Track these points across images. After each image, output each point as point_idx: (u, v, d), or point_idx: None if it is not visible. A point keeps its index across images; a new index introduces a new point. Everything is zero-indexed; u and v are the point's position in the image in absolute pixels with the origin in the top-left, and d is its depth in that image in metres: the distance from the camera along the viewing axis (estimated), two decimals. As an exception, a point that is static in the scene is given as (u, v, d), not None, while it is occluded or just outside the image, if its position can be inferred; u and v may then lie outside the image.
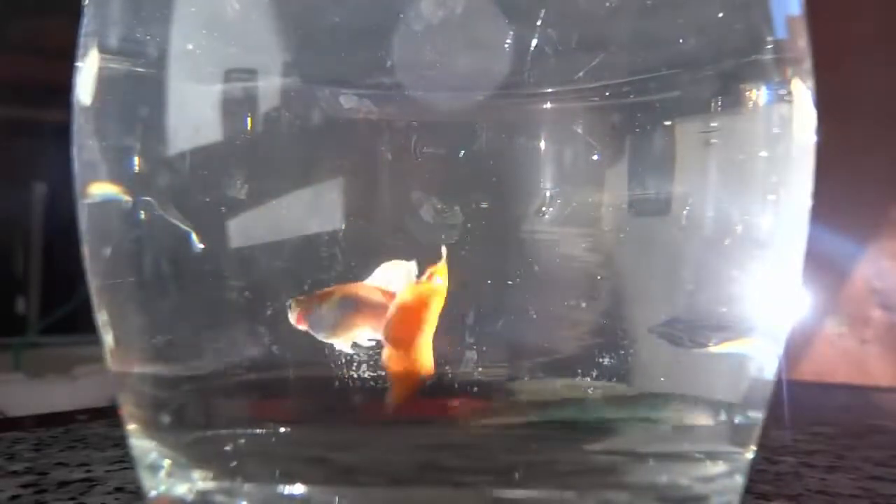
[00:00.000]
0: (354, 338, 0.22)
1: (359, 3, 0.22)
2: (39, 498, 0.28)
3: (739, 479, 0.24)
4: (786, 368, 0.25)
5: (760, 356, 0.24)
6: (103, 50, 0.24)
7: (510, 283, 0.22)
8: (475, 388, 0.21)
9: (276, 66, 0.22)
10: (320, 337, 0.21)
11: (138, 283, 0.24)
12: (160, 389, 0.24)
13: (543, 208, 0.21)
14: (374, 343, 0.22)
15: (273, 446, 0.23)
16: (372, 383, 0.21)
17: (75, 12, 0.25)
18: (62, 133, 0.25)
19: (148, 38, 0.23)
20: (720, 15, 0.23)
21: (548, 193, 0.22)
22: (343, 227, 0.21)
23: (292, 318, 0.21)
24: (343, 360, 0.21)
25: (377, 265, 0.21)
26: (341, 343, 0.22)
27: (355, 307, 0.21)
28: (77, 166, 0.25)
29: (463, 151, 0.21)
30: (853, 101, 0.82)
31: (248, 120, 0.22)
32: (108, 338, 0.24)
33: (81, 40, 0.25)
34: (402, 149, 0.21)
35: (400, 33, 0.21)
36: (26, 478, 0.31)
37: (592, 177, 0.22)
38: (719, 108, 0.22)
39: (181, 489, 0.23)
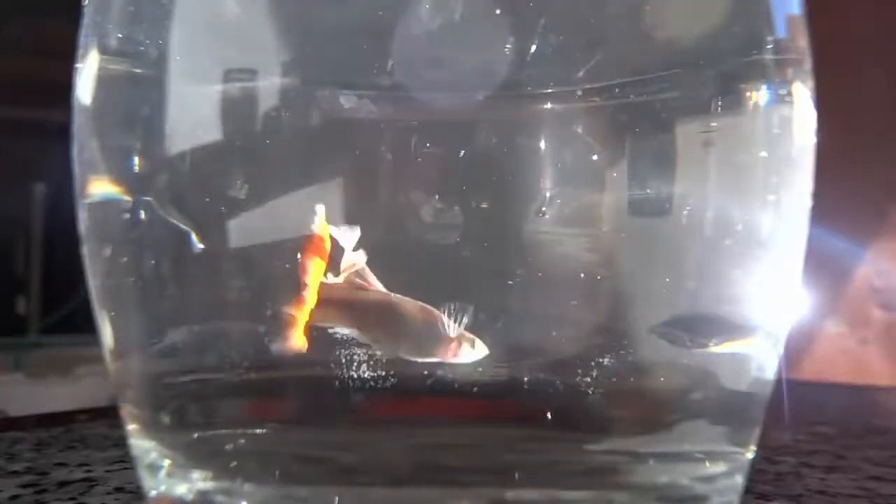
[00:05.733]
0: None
1: (359, 4, 0.22)
2: (39, 498, 0.28)
3: (739, 479, 0.24)
4: (786, 368, 0.25)
5: (760, 356, 0.24)
6: (103, 50, 0.24)
7: (510, 283, 0.22)
8: (475, 388, 0.21)
9: (276, 66, 0.22)
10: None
11: (138, 283, 0.24)
12: (160, 389, 0.24)
13: (543, 208, 0.21)
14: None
15: (273, 446, 0.23)
16: (372, 383, 0.21)
17: (75, 12, 0.25)
18: (62, 133, 0.25)
19: (148, 38, 0.23)
20: (720, 15, 0.23)
21: (548, 193, 0.22)
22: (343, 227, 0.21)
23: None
24: (343, 360, 0.21)
25: (375, 259, 0.21)
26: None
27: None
28: (77, 166, 0.25)
29: (463, 151, 0.21)
30: (853, 101, 0.82)
31: (248, 120, 0.22)
32: (108, 338, 0.24)
33: (81, 40, 0.25)
34: (402, 149, 0.21)
35: (400, 34, 0.21)
36: (26, 478, 0.31)
37: (592, 177, 0.22)
38: (719, 108, 0.22)
39: (181, 489, 0.23)
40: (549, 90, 0.22)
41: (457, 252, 0.21)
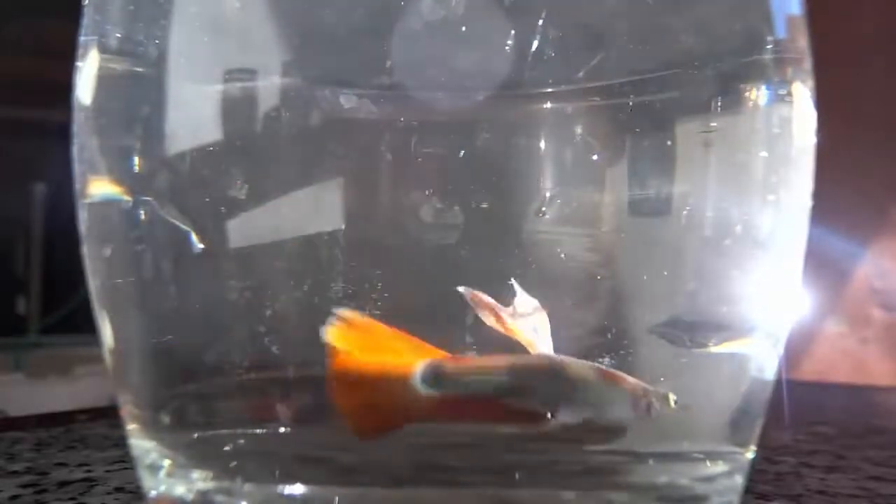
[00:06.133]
0: None
1: (359, 3, 0.22)
2: (39, 498, 0.28)
3: (739, 479, 0.24)
4: (786, 368, 0.25)
5: (760, 356, 0.24)
6: (103, 50, 0.24)
7: (510, 283, 0.22)
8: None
9: (276, 66, 0.22)
10: None
11: (138, 283, 0.24)
12: (160, 389, 0.24)
13: (543, 208, 0.21)
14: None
15: (273, 446, 0.23)
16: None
17: (75, 12, 0.25)
18: (62, 133, 0.25)
19: (148, 38, 0.23)
20: (720, 15, 0.23)
21: (548, 193, 0.22)
22: (343, 227, 0.21)
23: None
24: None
25: (375, 259, 0.21)
26: None
27: None
28: (77, 166, 0.25)
29: (463, 151, 0.21)
30: (853, 101, 0.82)
31: (248, 120, 0.22)
32: (108, 338, 0.24)
33: (81, 40, 0.25)
34: (402, 149, 0.21)
35: (400, 33, 0.21)
36: (26, 478, 0.31)
37: (592, 177, 0.22)
38: (719, 108, 0.22)
39: (181, 489, 0.23)
40: (549, 90, 0.22)
41: (456, 252, 0.21)
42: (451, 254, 0.21)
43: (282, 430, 0.23)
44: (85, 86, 0.24)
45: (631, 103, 0.22)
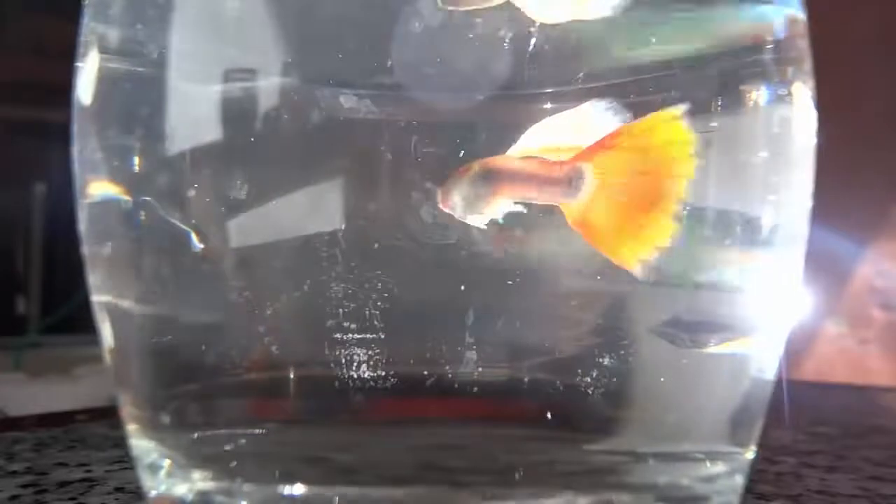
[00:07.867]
0: (492, 213, 0.20)
1: (359, 3, 0.22)
2: (39, 498, 0.28)
3: (739, 479, 0.24)
4: (786, 368, 0.25)
5: (760, 356, 0.24)
6: (103, 50, 0.24)
7: (510, 283, 0.22)
8: (475, 388, 0.21)
9: (276, 66, 0.22)
10: (458, 215, 0.20)
11: (138, 284, 0.24)
12: (160, 389, 0.24)
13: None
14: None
15: (273, 446, 0.23)
16: (372, 383, 0.21)
17: (75, 12, 0.25)
18: (62, 133, 0.25)
19: (148, 38, 0.23)
20: (720, 15, 0.23)
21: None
22: (343, 227, 0.21)
23: (440, 200, 0.20)
24: (343, 360, 0.21)
25: (375, 260, 0.21)
26: (477, 219, 0.20)
27: (495, 180, 0.20)
28: (77, 166, 0.25)
29: (463, 151, 0.21)
30: (853, 101, 0.82)
31: (248, 120, 0.22)
32: (107, 338, 0.24)
33: (81, 40, 0.25)
34: (402, 149, 0.21)
35: (400, 33, 0.21)
36: (26, 478, 0.31)
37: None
38: (719, 108, 0.22)
39: (181, 489, 0.23)
40: (549, 90, 0.22)
41: (456, 251, 0.21)
42: (451, 253, 0.21)
43: (282, 430, 0.23)
44: (85, 86, 0.24)
45: (631, 103, 0.22)
